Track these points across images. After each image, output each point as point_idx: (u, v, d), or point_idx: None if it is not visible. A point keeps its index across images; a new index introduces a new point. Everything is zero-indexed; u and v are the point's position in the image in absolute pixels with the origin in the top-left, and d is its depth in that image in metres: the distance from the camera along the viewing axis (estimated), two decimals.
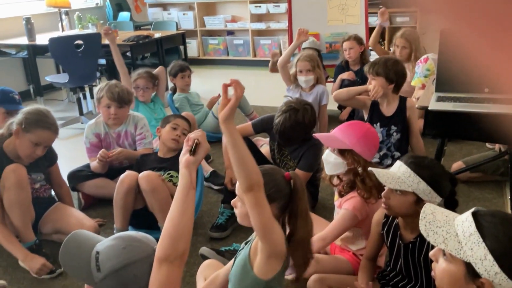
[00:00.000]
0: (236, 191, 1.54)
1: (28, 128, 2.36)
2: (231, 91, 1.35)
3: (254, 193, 1.33)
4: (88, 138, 2.98)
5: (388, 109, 2.93)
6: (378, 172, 1.73)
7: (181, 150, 2.61)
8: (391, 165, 2.84)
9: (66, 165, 3.38)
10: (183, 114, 3.68)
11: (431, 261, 1.66)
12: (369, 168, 1.80)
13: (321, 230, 2.14)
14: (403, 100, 2.90)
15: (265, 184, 1.41)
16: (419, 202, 1.67)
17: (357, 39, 4.18)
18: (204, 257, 2.29)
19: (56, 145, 2.59)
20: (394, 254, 1.84)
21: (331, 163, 2.10)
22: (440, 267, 1.14)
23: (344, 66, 4.33)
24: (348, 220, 2.03)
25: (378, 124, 2.94)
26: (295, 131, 2.55)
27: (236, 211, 1.58)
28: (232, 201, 1.60)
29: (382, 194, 1.76)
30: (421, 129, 2.86)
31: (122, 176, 2.44)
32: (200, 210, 2.74)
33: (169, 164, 2.56)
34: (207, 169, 3.27)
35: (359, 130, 2.09)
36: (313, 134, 2.23)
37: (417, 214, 1.68)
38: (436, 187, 1.66)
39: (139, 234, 1.26)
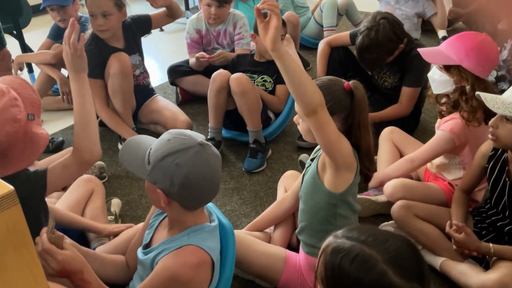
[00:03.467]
0: (296, 109, 1.47)
1: None
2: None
3: (317, 116, 1.26)
4: (189, 33, 2.97)
5: None
6: (485, 96, 1.52)
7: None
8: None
9: (168, 59, 3.47)
10: (286, 14, 3.50)
11: None
12: (477, 93, 1.57)
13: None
14: None
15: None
16: None
17: None
18: (302, 164, 2.27)
19: (160, 39, 2.61)
20: (498, 192, 1.66)
21: (437, 81, 1.88)
22: None
23: None
24: (443, 142, 1.85)
25: None
26: (372, 53, 2.30)
27: (299, 127, 1.54)
28: (294, 118, 1.56)
29: (490, 122, 1.55)
30: None
31: (214, 74, 2.41)
32: (290, 118, 2.67)
33: (264, 68, 2.47)
34: None
35: (470, 42, 1.80)
36: (418, 49, 1.98)
37: None
38: None
39: (189, 130, 1.27)
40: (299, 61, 3.22)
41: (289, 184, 1.90)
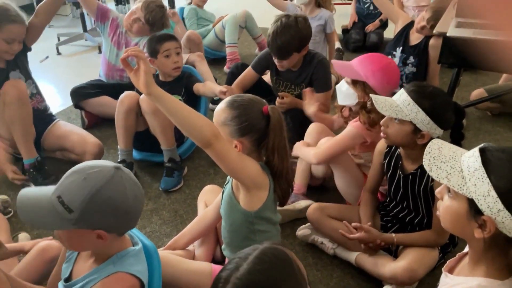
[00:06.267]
0: None
1: None
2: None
3: (212, 147, 1.27)
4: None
5: (415, 38, 2.79)
6: (376, 99, 1.67)
7: (182, 73, 2.53)
8: None
9: (68, 83, 3.32)
10: (188, 33, 3.53)
11: (432, 194, 1.63)
12: (371, 95, 1.72)
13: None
14: (429, 37, 2.72)
15: (238, 117, 1.37)
16: (416, 132, 1.63)
17: None
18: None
19: (58, 64, 2.50)
20: (394, 185, 1.82)
21: (343, 93, 2.02)
22: (444, 205, 1.09)
23: None
24: (352, 137, 1.97)
25: (401, 48, 2.81)
26: (287, 35, 2.30)
27: None
28: None
29: (381, 122, 1.71)
30: None
31: (121, 96, 2.37)
32: None
33: (171, 87, 2.46)
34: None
35: (377, 63, 1.97)
36: (332, 61, 2.12)
37: (416, 145, 1.65)
38: (437, 118, 1.59)
39: (94, 162, 1.20)
40: (211, 77, 3.22)
41: (209, 199, 1.91)
